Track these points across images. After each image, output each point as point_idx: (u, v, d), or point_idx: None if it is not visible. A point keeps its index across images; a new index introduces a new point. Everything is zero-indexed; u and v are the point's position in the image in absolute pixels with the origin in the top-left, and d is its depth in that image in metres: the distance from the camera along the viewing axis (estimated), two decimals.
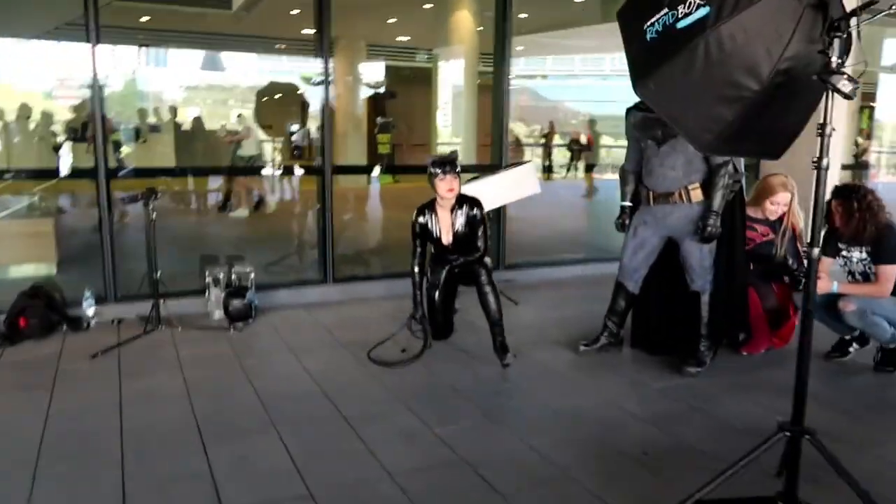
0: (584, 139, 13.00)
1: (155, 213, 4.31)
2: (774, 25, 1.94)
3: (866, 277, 3.74)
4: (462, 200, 3.93)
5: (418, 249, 4.04)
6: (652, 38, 2.12)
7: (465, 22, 10.74)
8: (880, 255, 3.63)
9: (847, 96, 1.86)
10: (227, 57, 12.91)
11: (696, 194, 3.64)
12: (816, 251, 2.02)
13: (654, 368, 3.84)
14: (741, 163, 3.67)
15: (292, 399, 3.35)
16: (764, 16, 1.94)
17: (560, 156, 14.13)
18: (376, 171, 7.68)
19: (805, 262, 3.80)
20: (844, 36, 1.88)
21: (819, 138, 1.96)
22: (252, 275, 4.84)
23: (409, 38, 12.71)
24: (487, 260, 4.05)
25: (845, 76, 1.85)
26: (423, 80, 12.97)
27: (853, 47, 1.90)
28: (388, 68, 13.47)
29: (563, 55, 15.36)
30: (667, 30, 2.08)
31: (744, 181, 3.72)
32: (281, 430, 2.98)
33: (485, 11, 10.07)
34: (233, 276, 4.79)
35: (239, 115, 10.16)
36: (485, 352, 3.97)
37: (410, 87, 13.04)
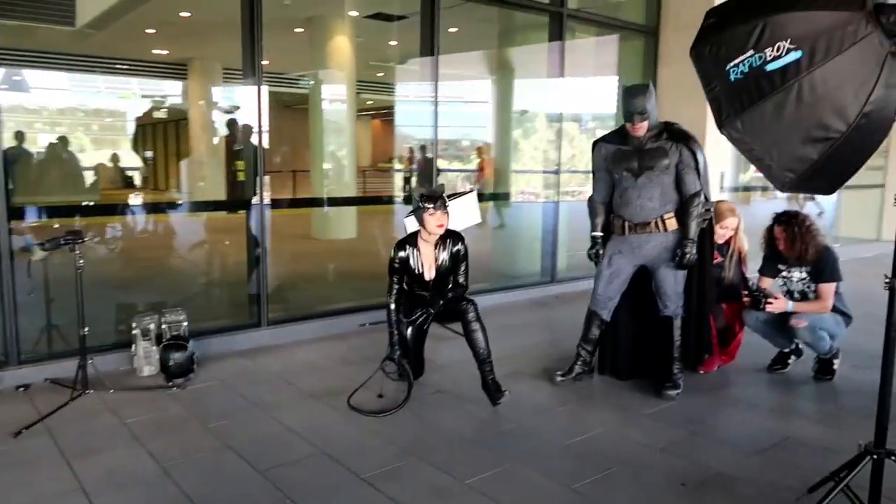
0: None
1: (82, 259, 3.69)
2: (862, 70, 2.05)
3: (804, 295, 4.08)
4: (446, 235, 3.78)
5: (396, 286, 3.82)
6: (737, 78, 2.16)
7: (341, 48, 10.53)
8: (821, 275, 4.00)
9: None
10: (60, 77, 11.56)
11: (672, 223, 3.78)
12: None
13: (634, 395, 3.91)
14: (710, 193, 3.87)
15: (293, 465, 2.99)
16: (853, 61, 2.04)
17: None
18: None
19: (749, 284, 4.14)
20: None
21: None
22: (185, 323, 4.31)
23: (268, 62, 12.24)
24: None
25: None
26: (303, 106, 12.56)
27: None
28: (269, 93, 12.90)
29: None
30: (754, 71, 2.13)
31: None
32: None
33: (357, 37, 10.00)
34: (163, 326, 4.23)
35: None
36: (465, 390, 3.87)
37: (289, 113, 12.56)
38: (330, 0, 9.66)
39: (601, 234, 4.01)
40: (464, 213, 5.13)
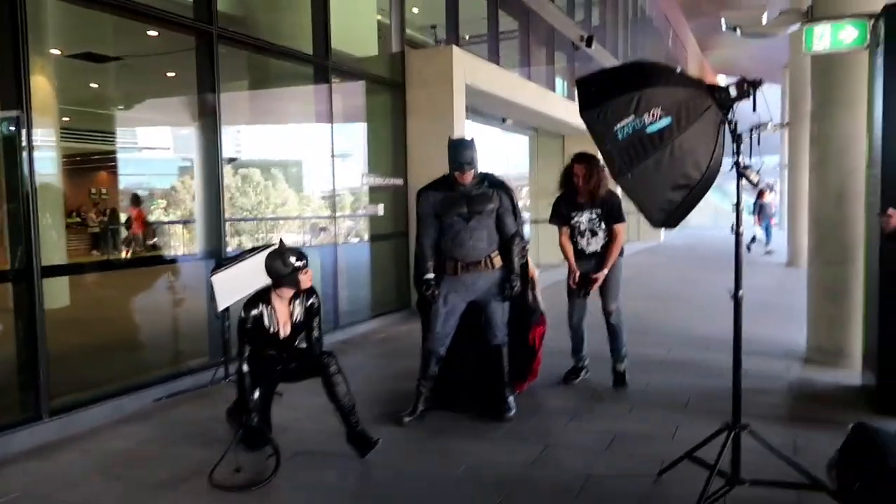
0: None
1: None
2: (709, 132, 2.69)
3: (593, 233, 4.70)
4: (298, 290, 3.67)
5: (248, 348, 3.59)
6: (624, 137, 2.65)
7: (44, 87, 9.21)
8: (612, 216, 4.66)
9: (754, 184, 2.70)
10: None
11: (497, 261, 4.22)
12: (741, 293, 2.80)
13: (478, 423, 4.20)
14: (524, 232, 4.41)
15: None
16: (704, 125, 2.67)
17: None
18: None
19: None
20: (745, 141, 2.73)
21: (736, 211, 2.77)
22: None
23: None
24: None
25: (755, 170, 2.69)
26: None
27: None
28: None
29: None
30: (637, 132, 2.64)
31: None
32: None
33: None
34: None
35: None
36: (323, 447, 3.81)
37: None
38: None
39: (433, 275, 4.26)
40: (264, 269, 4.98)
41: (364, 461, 3.61)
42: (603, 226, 4.70)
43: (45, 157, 9.08)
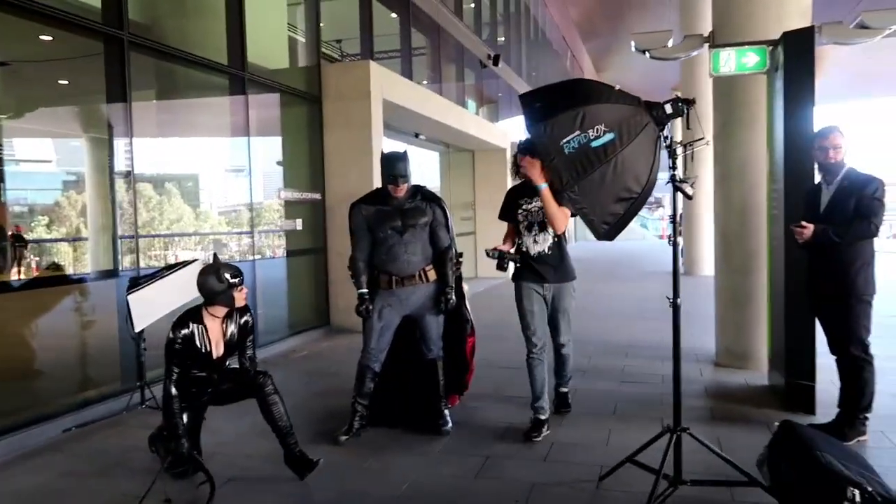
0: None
1: None
2: (648, 147, 2.82)
3: (541, 227, 4.02)
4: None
5: (176, 370, 3.40)
6: (570, 151, 2.74)
7: None
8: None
9: (689, 197, 2.86)
10: None
11: (431, 274, 4.23)
12: (679, 301, 2.94)
13: (415, 437, 4.17)
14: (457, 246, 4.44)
15: None
16: (643, 141, 2.80)
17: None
18: None
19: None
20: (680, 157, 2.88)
21: (672, 223, 2.91)
22: None
23: None
24: None
25: (689, 183, 2.85)
26: None
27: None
28: None
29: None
30: (583, 147, 2.73)
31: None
32: None
33: None
34: None
35: None
36: (257, 471, 3.69)
37: None
38: None
39: (367, 290, 4.21)
40: (185, 285, 4.76)
41: (303, 483, 3.50)
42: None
43: None
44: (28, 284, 6.45)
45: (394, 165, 4.07)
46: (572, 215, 3.88)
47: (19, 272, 10.65)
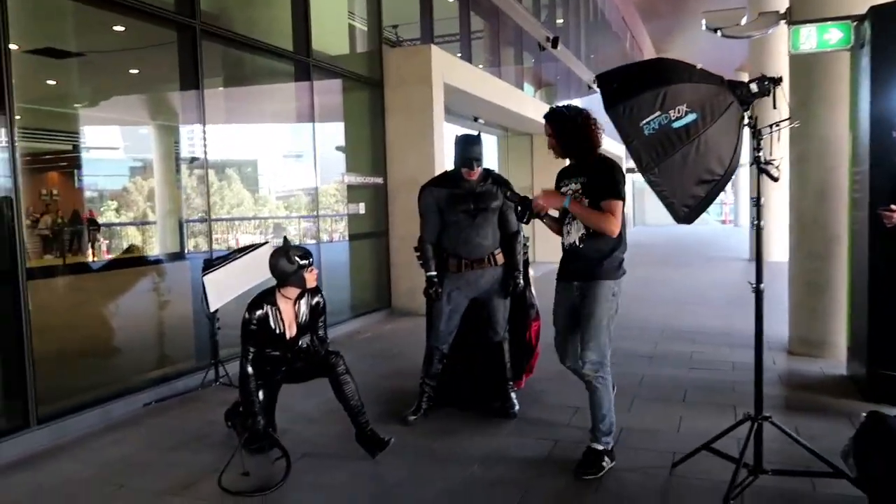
0: None
1: None
2: (731, 128, 2.73)
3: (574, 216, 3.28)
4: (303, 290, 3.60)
5: (252, 350, 3.50)
6: (650, 133, 2.67)
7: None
8: (600, 188, 3.19)
9: (775, 179, 2.76)
10: None
11: (500, 258, 4.21)
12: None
13: (483, 419, 4.18)
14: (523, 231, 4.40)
15: None
16: (727, 121, 2.72)
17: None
18: None
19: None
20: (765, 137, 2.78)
21: (756, 207, 2.82)
22: None
23: None
24: None
25: (775, 165, 2.75)
26: None
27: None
28: None
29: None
30: (663, 128, 2.66)
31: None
32: None
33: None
34: None
35: None
36: (328, 448, 3.76)
37: None
38: None
39: (436, 273, 4.23)
40: (259, 267, 4.87)
41: (375, 462, 3.56)
42: (586, 202, 3.25)
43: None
44: (105, 266, 6.73)
45: (469, 148, 4.07)
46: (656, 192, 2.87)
47: (93, 254, 11.18)
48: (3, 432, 3.81)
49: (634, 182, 29.77)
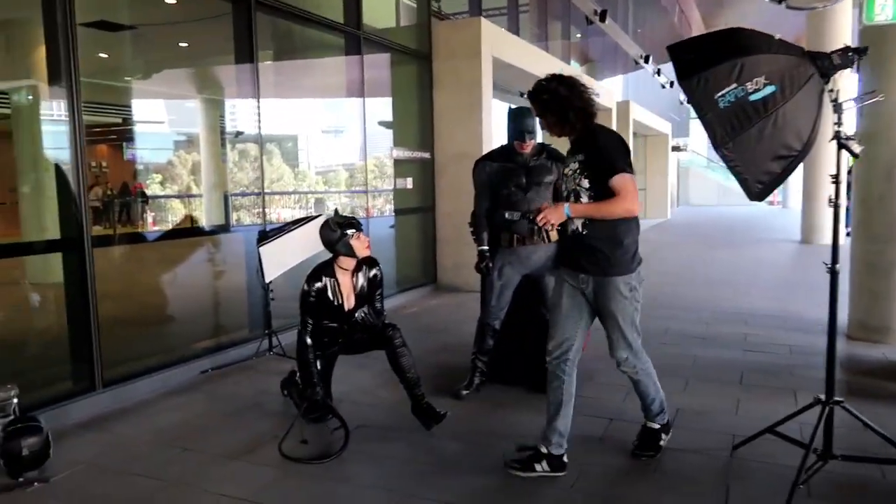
0: None
1: None
2: (811, 102, 2.62)
3: (577, 196, 2.89)
4: (361, 260, 3.62)
5: (311, 322, 3.54)
6: (725, 106, 2.58)
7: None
8: (600, 164, 2.79)
9: (856, 155, 2.64)
10: None
11: (553, 235, 4.14)
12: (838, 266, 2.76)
13: (534, 396, 4.14)
14: None
15: None
16: (806, 94, 2.61)
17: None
18: None
19: None
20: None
21: (834, 185, 2.71)
22: (16, 401, 3.37)
23: None
24: None
25: (855, 140, 2.63)
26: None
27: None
28: None
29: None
30: (740, 101, 2.57)
31: None
32: None
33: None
34: None
35: None
36: (384, 419, 3.79)
37: None
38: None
39: (488, 247, 4.20)
40: (312, 239, 4.91)
41: (430, 434, 3.58)
42: (586, 184, 2.86)
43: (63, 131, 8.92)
44: (161, 237, 6.86)
45: (521, 121, 4.01)
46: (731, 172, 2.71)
47: (141, 226, 11.44)
48: (72, 394, 3.94)
49: (679, 161, 29.24)
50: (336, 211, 3.82)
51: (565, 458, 3.06)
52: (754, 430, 3.22)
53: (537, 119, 3.98)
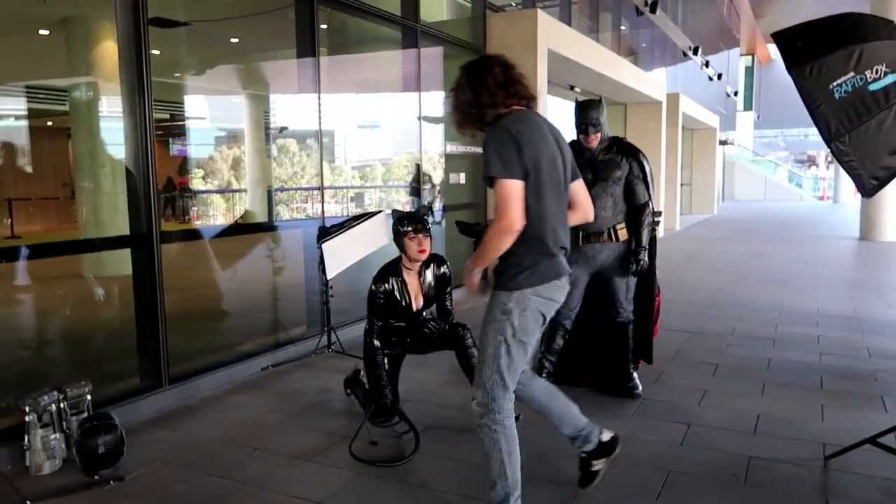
0: None
1: None
2: None
3: None
4: (429, 259, 3.53)
5: (378, 324, 3.46)
6: (841, 96, 2.40)
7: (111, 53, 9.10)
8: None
9: None
10: None
11: (623, 233, 3.99)
12: None
13: (604, 399, 4.03)
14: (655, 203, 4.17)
15: None
16: None
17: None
18: None
19: None
20: None
21: None
22: (89, 397, 3.37)
23: None
24: None
25: None
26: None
27: None
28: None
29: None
30: (858, 91, 2.39)
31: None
32: None
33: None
34: (62, 405, 3.26)
35: None
36: (453, 421, 3.69)
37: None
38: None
39: None
40: (373, 236, 4.85)
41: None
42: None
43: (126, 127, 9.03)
44: (218, 233, 6.87)
45: (583, 114, 3.87)
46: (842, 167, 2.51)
47: (185, 221, 11.56)
48: (140, 390, 3.94)
49: (725, 154, 28.50)
50: (394, 211, 3.72)
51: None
52: (843, 438, 3.06)
53: (604, 111, 3.86)
